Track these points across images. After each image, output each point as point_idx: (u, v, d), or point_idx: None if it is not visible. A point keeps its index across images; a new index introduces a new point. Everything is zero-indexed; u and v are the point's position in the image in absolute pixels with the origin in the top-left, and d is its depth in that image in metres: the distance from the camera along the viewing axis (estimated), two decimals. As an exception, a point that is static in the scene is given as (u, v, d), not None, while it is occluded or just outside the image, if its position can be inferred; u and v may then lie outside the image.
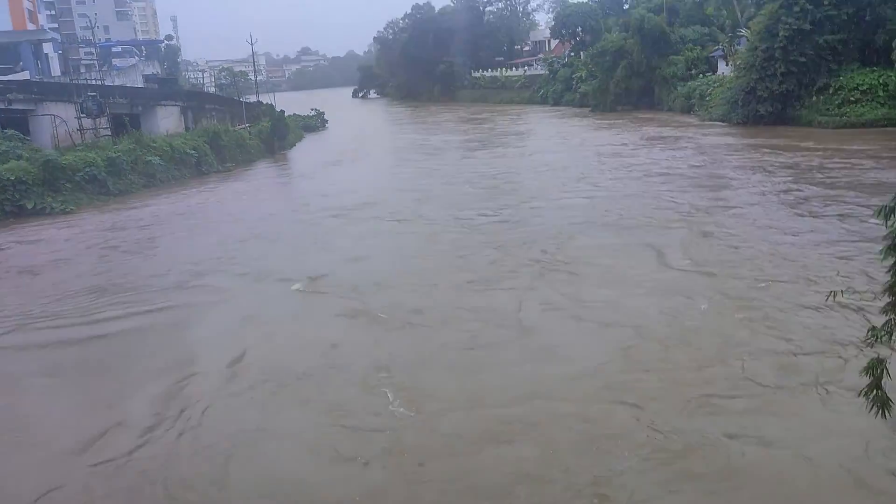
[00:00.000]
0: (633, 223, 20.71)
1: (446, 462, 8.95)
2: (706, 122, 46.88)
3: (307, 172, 39.14)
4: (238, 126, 50.04)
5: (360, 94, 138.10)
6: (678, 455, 8.80)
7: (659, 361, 11.31)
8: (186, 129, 44.64)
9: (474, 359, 11.95)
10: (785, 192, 23.79)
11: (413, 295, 15.34)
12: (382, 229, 22.37)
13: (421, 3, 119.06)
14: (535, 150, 41.30)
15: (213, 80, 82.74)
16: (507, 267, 17.13)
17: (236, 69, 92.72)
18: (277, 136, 49.20)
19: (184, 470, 9.02)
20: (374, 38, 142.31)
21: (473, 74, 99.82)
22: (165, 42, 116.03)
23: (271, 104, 59.53)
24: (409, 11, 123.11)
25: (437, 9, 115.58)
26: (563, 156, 37.57)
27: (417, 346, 12.68)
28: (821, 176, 26.63)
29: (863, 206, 20.37)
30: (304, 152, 49.60)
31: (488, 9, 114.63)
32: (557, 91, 75.17)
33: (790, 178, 26.09)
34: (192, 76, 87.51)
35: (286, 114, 54.84)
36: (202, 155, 38.62)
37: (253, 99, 63.94)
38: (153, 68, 71.58)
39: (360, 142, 53.39)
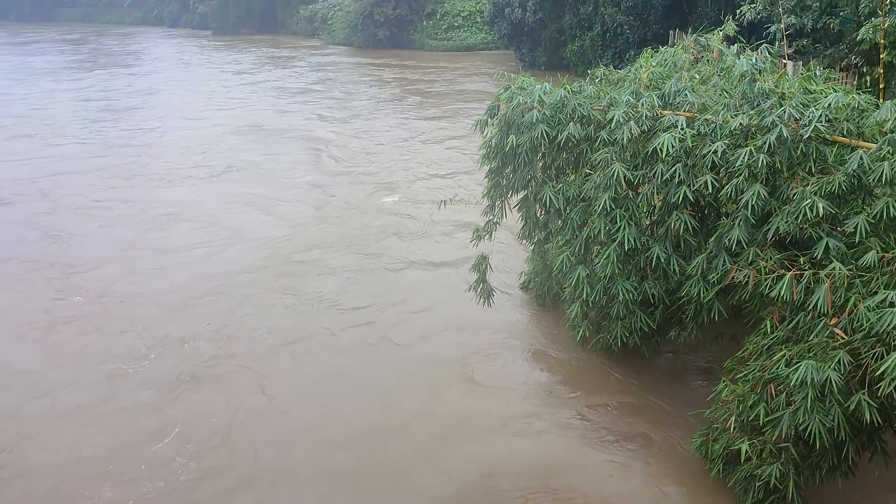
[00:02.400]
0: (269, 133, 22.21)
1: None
2: (329, 45, 47.82)
3: None
4: None
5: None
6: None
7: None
8: None
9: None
10: (404, 100, 25.95)
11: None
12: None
13: None
14: (157, 71, 39.27)
15: None
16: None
17: None
18: None
19: None
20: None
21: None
22: None
23: None
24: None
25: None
26: (187, 75, 36.92)
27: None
28: (426, 87, 30.52)
29: (462, 111, 24.24)
30: None
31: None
32: (174, 11, 70.00)
33: (407, 90, 28.54)
34: None
35: None
36: None
37: None
38: None
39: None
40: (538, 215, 8.85)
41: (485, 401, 8.04)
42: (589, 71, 8.98)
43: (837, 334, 5.35)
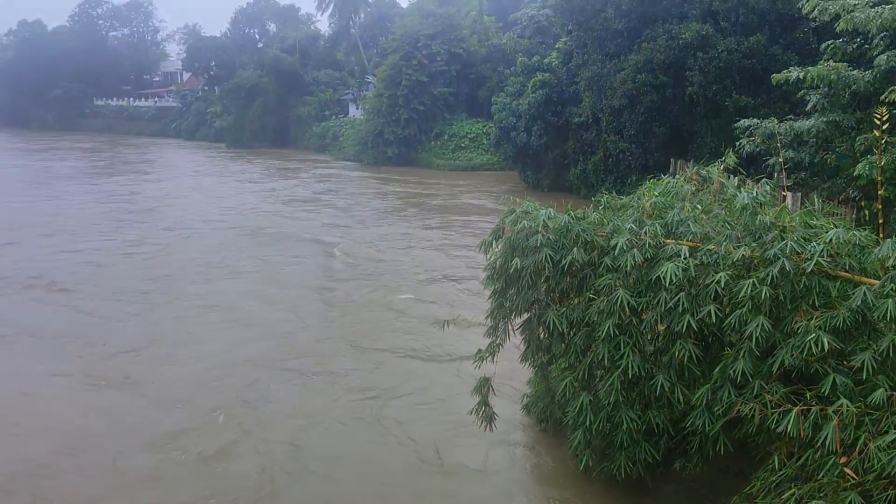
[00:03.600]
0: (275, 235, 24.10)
1: None
2: (339, 161, 49.25)
3: None
4: None
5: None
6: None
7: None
8: None
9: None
10: (405, 211, 26.33)
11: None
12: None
13: (30, 21, 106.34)
14: (173, 178, 41.59)
15: None
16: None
17: None
18: None
19: None
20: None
21: (96, 102, 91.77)
22: None
23: None
24: (14, 27, 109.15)
25: (49, 28, 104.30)
26: (202, 182, 39.29)
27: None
28: (429, 200, 32.07)
29: (466, 226, 25.56)
30: None
31: (111, 33, 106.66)
32: (191, 125, 72.70)
33: (410, 202, 29.29)
34: None
35: None
36: None
37: None
38: None
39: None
40: (541, 338, 8.79)
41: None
42: (591, 194, 9.19)
43: (848, 474, 5.20)
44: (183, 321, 15.20)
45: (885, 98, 11.74)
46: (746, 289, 6.30)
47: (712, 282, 6.62)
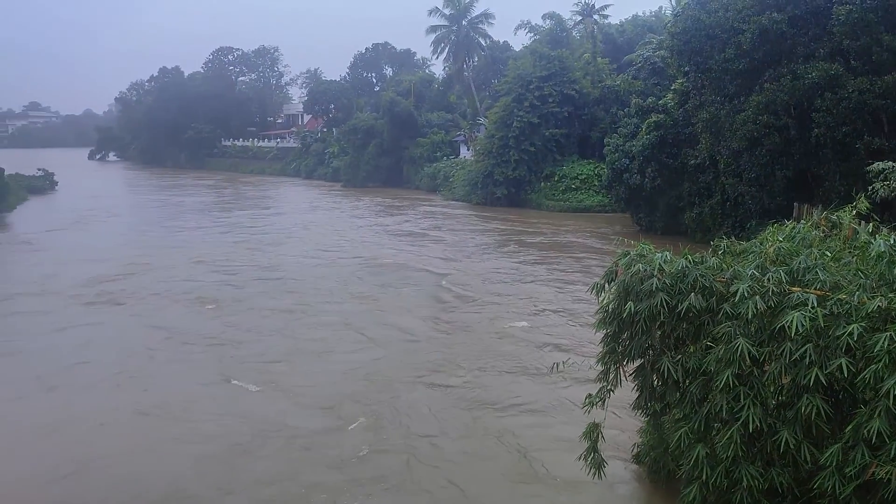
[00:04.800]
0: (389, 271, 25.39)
1: None
2: (449, 202, 49.95)
3: (29, 239, 34.85)
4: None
5: (98, 157, 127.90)
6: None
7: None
8: None
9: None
10: (520, 258, 26.23)
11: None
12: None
13: (169, 67, 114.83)
14: (293, 212, 44.62)
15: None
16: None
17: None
18: (-6, 196, 43.86)
19: None
20: (116, 99, 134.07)
21: (224, 143, 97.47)
22: None
23: (-12, 161, 52.92)
24: (155, 74, 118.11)
25: (186, 74, 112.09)
26: (319, 216, 42.48)
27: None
28: (538, 239, 32.45)
29: (574, 264, 25.88)
30: (27, 216, 44.56)
31: (241, 78, 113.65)
32: (310, 165, 75.82)
33: (516, 240, 29.34)
34: None
35: (6, 172, 49.13)
36: None
37: (-35, 154, 56.61)
38: None
39: (93, 206, 49.16)
40: (655, 386, 8.50)
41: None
42: (707, 238, 8.90)
43: None
44: (316, 336, 17.08)
45: None
46: (883, 342, 5.89)
47: (844, 333, 6.22)
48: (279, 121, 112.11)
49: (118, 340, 16.80)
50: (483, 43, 68.63)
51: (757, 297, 7.02)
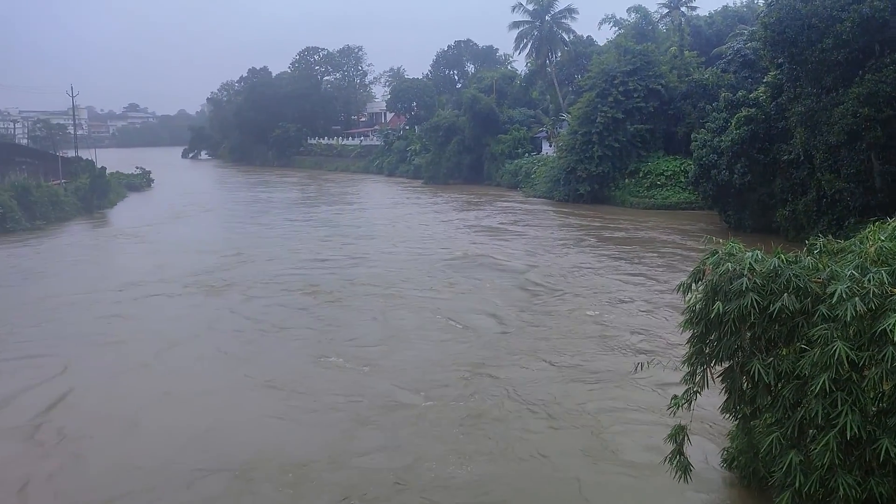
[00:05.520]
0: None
1: None
2: (531, 198, 49.65)
3: (134, 232, 36.73)
4: (53, 182, 46.58)
5: (191, 155, 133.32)
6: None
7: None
8: (-9, 182, 40.95)
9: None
10: (602, 253, 25.89)
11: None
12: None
13: (257, 68, 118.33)
14: (377, 207, 45.88)
15: (25, 131, 76.54)
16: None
17: (54, 122, 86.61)
18: (97, 193, 46.32)
19: None
20: (208, 99, 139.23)
21: (309, 141, 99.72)
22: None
23: (91, 160, 55.90)
24: (244, 74, 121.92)
25: (273, 74, 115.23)
26: (403, 212, 43.38)
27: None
28: (621, 234, 32.44)
29: (660, 266, 25.18)
30: (126, 212, 46.94)
31: (326, 78, 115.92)
32: (392, 162, 76.72)
33: (607, 244, 28.91)
34: (0, 126, 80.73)
35: (108, 171, 51.85)
36: (7, 211, 35.55)
37: (72, 154, 59.92)
38: (-46, 115, 65.44)
39: (188, 202, 51.31)
40: (745, 389, 8.23)
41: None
42: (801, 237, 8.55)
43: None
44: (409, 323, 18.22)
45: None
46: None
47: (952, 339, 5.87)
48: (363, 119, 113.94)
49: (231, 322, 18.60)
50: (566, 38, 67.75)
51: (856, 298, 6.70)
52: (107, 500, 9.71)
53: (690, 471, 8.48)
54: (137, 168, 66.96)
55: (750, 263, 7.74)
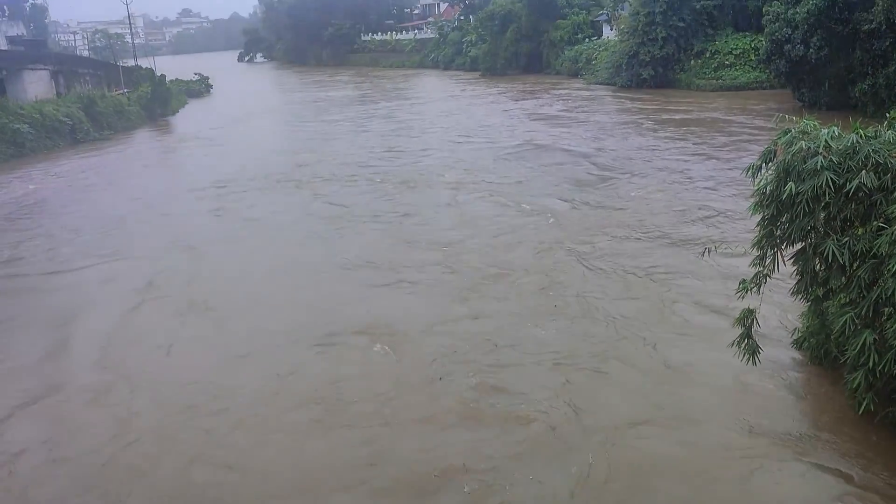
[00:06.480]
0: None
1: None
2: (592, 85, 48.14)
3: (202, 136, 37.41)
4: (116, 91, 47.42)
5: (246, 59, 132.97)
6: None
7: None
8: (58, 94, 41.92)
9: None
10: (673, 139, 25.25)
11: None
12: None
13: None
14: (435, 100, 46.16)
15: (86, 42, 77.47)
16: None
17: (112, 31, 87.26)
18: (159, 101, 46.95)
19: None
20: (260, 0, 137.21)
21: (363, 38, 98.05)
22: (31, 1, 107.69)
23: (151, 68, 56.45)
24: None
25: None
26: (462, 104, 43.30)
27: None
28: (684, 116, 31.60)
29: (726, 146, 24.79)
30: (190, 118, 47.60)
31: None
32: (448, 55, 74.97)
33: (668, 126, 28.18)
34: (62, 38, 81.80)
35: (167, 78, 52.33)
36: (77, 122, 36.44)
37: (131, 63, 60.61)
38: (18, 29, 66.49)
39: (249, 105, 51.73)
40: (817, 270, 8.07)
41: (754, 467, 7.50)
42: (882, 112, 8.11)
43: None
44: (477, 209, 18.93)
45: None
46: None
47: None
48: (415, 12, 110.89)
49: (323, 210, 20.07)
50: (627, -90, 63.66)
51: (940, 172, 6.40)
52: (246, 354, 11.12)
53: (759, 353, 8.48)
54: (196, 74, 67.33)
55: (826, 140, 7.43)
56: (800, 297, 8.72)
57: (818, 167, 7.27)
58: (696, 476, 7.50)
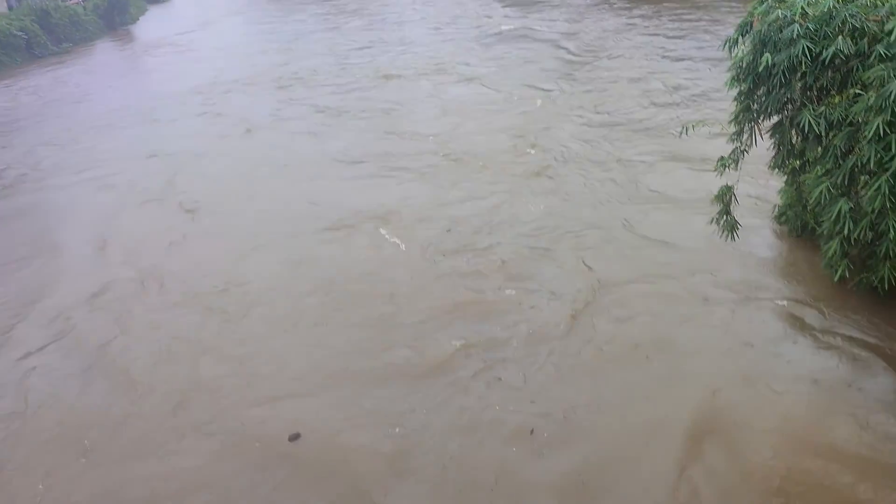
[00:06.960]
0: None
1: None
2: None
3: (169, 42, 35.96)
4: (70, 1, 45.30)
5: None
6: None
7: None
8: (10, 8, 40.02)
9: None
10: (641, 13, 24.76)
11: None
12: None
13: None
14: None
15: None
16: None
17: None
18: (117, 9, 44.83)
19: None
20: None
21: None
22: None
23: (104, -26, 53.61)
24: None
25: None
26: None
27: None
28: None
29: (702, 20, 24.39)
30: (153, 25, 45.62)
31: None
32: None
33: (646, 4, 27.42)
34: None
35: (123, -16, 49.86)
36: (32, 36, 34.97)
37: (82, -31, 57.47)
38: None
39: (212, 7, 49.55)
40: (794, 142, 8.04)
41: (726, 335, 7.76)
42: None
43: None
44: (460, 93, 19.33)
45: None
46: None
47: None
48: None
49: (308, 107, 19.92)
50: None
51: (918, 33, 6.27)
52: (265, 243, 11.72)
53: (738, 229, 8.55)
54: (153, -22, 64.14)
55: (802, 8, 7.22)
56: (777, 170, 8.73)
57: (794, 35, 7.11)
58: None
